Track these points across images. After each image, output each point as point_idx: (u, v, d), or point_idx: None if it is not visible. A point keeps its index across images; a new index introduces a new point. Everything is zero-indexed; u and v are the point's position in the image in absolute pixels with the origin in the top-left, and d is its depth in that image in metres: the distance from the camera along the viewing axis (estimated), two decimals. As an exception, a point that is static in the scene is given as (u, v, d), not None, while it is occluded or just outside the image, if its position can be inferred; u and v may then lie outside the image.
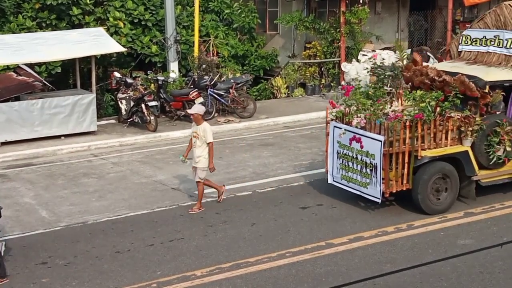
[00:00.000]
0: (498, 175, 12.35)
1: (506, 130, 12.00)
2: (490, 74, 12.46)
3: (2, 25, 19.70)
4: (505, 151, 12.07)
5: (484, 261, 10.04)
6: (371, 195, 11.75)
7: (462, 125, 11.84)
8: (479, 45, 13.48)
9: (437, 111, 11.80)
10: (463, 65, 13.29)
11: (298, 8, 24.34)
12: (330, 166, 12.54)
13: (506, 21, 13.07)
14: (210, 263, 10.29)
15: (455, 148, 11.94)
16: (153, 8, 20.95)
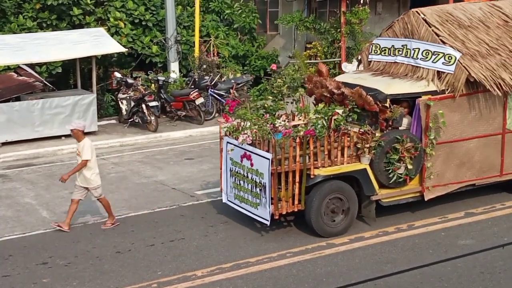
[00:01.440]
0: (401, 194, 11.55)
1: (407, 147, 11.16)
2: (392, 86, 11.65)
3: (3, 26, 19.68)
4: (407, 169, 11.28)
5: (484, 261, 10.04)
6: (261, 217, 10.91)
7: (358, 141, 11.05)
8: (387, 55, 12.58)
9: (332, 126, 11.03)
10: (368, 76, 12.42)
11: (298, 9, 24.34)
12: (224, 185, 11.76)
13: (414, 30, 12.21)
14: (210, 263, 10.29)
15: (352, 166, 11.12)
16: (154, 9, 20.95)
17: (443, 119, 11.37)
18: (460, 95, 11.51)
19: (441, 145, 11.55)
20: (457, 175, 11.86)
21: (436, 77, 11.63)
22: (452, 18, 12.27)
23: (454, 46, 11.67)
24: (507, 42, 12.26)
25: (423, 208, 12.20)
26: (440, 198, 12.49)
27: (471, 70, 11.39)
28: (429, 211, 12.10)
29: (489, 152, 12.05)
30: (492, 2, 13.22)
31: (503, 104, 11.94)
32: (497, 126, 12.01)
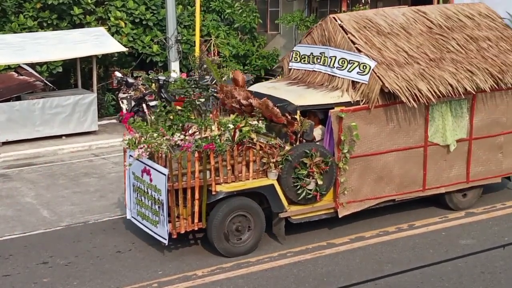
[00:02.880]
0: (313, 210, 10.89)
1: (316, 162, 10.54)
2: (304, 97, 11.01)
3: (3, 25, 19.67)
4: (317, 185, 10.64)
5: (485, 261, 10.03)
6: (160, 235, 10.33)
7: (264, 155, 10.45)
8: (307, 63, 11.89)
9: (236, 140, 10.43)
10: (283, 85, 11.76)
11: (299, 8, 24.33)
12: (128, 200, 11.21)
13: (331, 37, 11.56)
14: (211, 263, 10.29)
15: (258, 181, 10.46)
16: (154, 8, 20.94)
17: (356, 131, 10.76)
18: (377, 106, 10.91)
19: (356, 159, 10.93)
20: (374, 190, 11.23)
21: (351, 87, 11.04)
22: (371, 24, 11.66)
23: (370, 55, 11.07)
24: (428, 50, 11.64)
25: (424, 208, 12.21)
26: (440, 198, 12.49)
27: (385, 80, 10.78)
28: (429, 211, 12.10)
29: (410, 166, 11.42)
30: (418, 7, 12.54)
31: (424, 115, 11.32)
32: (418, 138, 11.38)
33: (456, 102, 11.49)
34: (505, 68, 11.80)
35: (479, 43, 12.10)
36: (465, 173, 11.92)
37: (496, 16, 12.86)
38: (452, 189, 11.91)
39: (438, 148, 11.59)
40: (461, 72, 11.43)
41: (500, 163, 12.22)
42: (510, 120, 12.13)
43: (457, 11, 12.52)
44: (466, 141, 11.78)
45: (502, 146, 12.16)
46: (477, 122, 11.78)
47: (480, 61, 11.76)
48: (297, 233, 11.17)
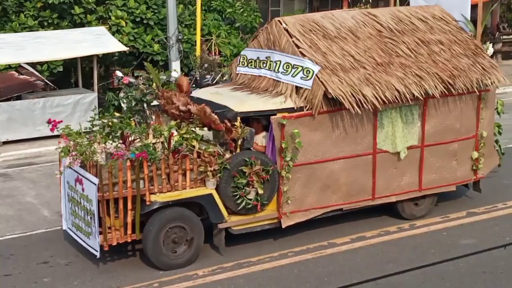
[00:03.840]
0: (255, 221, 10.53)
1: (255, 170, 10.17)
2: (245, 103, 10.61)
3: (4, 24, 19.67)
4: (257, 194, 10.31)
5: (486, 261, 10.02)
6: (92, 247, 9.97)
7: (201, 164, 10.08)
8: (253, 67, 11.50)
9: (171, 148, 10.13)
10: (226, 90, 11.39)
11: (300, 7, 24.33)
12: (64, 210, 10.81)
13: (275, 41, 11.15)
14: (212, 262, 10.28)
15: (196, 191, 10.11)
16: (155, 7, 20.93)
17: (298, 139, 10.31)
18: (322, 112, 10.51)
19: (300, 167, 10.54)
20: (320, 200, 10.84)
21: (294, 92, 10.66)
22: (318, 27, 11.23)
23: (314, 59, 10.67)
24: (376, 54, 11.21)
25: (425, 208, 12.20)
26: (441, 198, 12.48)
27: (329, 86, 10.39)
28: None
29: (358, 174, 11.02)
30: (369, 10, 12.26)
31: (373, 122, 10.91)
32: (366, 145, 10.98)
33: (407, 108, 11.10)
34: (457, 73, 11.37)
35: (431, 47, 11.66)
36: (417, 181, 11.51)
37: (451, 19, 12.40)
38: (404, 198, 11.50)
39: (388, 155, 11.18)
40: (409, 77, 11.01)
41: (454, 170, 11.82)
42: (465, 127, 11.75)
43: (410, 14, 12.08)
44: (418, 148, 11.39)
45: (456, 153, 11.75)
46: (429, 128, 11.39)
47: (431, 66, 11.33)
48: (297, 233, 11.15)
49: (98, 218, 9.71)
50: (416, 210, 11.79)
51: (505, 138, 16.36)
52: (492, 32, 27.54)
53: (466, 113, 11.72)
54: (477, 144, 11.98)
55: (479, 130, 11.94)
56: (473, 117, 11.83)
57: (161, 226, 9.89)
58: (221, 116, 10.31)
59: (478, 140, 11.97)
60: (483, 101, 11.84)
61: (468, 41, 12.12)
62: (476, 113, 11.85)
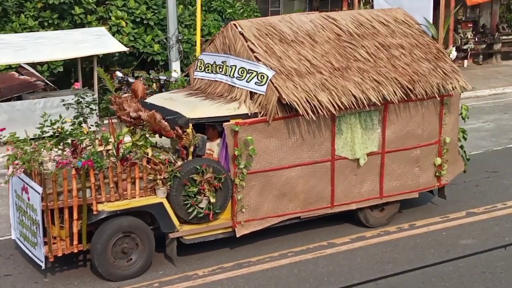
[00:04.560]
0: (208, 230, 10.24)
1: (207, 178, 9.89)
2: (197, 109, 10.29)
3: (5, 25, 19.69)
4: (209, 202, 10.02)
5: (486, 261, 10.04)
6: (38, 258, 9.73)
7: (151, 172, 9.79)
8: (210, 72, 11.17)
9: (120, 155, 9.80)
10: (180, 96, 11.06)
11: (300, 8, 24.34)
12: (12, 219, 10.55)
13: (231, 45, 10.83)
14: (212, 262, 10.30)
15: (145, 200, 9.81)
16: (155, 7, 20.95)
17: (252, 146, 10.04)
18: (277, 118, 10.20)
19: (255, 175, 10.25)
20: (277, 208, 10.53)
21: (249, 98, 10.36)
22: (274, 31, 10.93)
23: (268, 64, 10.36)
24: (333, 59, 10.88)
25: (425, 208, 12.22)
26: (440, 198, 12.50)
27: (283, 91, 10.08)
28: (430, 211, 12.11)
29: (315, 181, 10.69)
30: (328, 13, 11.91)
31: (331, 128, 10.60)
32: (324, 152, 10.66)
33: (366, 113, 10.78)
34: (416, 78, 11.06)
35: (391, 51, 11.35)
36: (378, 188, 11.21)
37: (413, 22, 12.08)
38: (364, 205, 11.20)
39: (348, 162, 10.88)
40: (367, 82, 10.71)
41: (417, 177, 11.52)
42: (427, 132, 11.43)
43: (371, 17, 11.76)
44: (378, 155, 11.08)
45: (418, 160, 11.45)
46: (390, 134, 11.08)
47: (390, 70, 11.02)
48: (297, 233, 11.17)
49: (43, 228, 9.46)
50: (378, 218, 11.48)
51: (505, 138, 16.44)
52: (492, 33, 27.56)
53: (428, 118, 11.39)
54: (440, 150, 11.62)
55: (442, 135, 11.58)
56: (435, 122, 11.49)
57: (109, 236, 9.60)
58: (172, 123, 10.01)
59: (441, 146, 11.61)
60: (445, 106, 11.50)
61: (430, 45, 11.80)
62: (438, 119, 11.50)
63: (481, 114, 19.40)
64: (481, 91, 22.56)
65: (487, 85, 23.43)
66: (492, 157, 15.12)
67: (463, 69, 26.00)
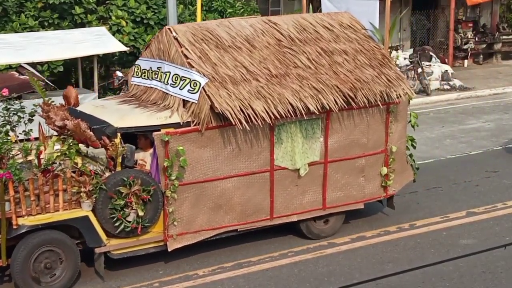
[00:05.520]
0: (139, 244, 9.84)
1: (134, 191, 9.45)
2: (126, 118, 9.81)
3: (5, 25, 19.71)
4: (138, 216, 9.59)
5: (486, 261, 10.04)
6: None
7: (75, 184, 9.35)
8: (146, 78, 10.71)
9: (41, 166, 9.40)
10: (113, 104, 10.61)
11: (299, 7, 24.35)
12: None
13: (165, 50, 10.37)
14: (212, 262, 10.30)
15: (69, 213, 9.37)
16: (155, 7, 20.97)
17: (184, 156, 9.61)
18: (211, 127, 9.75)
19: (188, 186, 9.81)
20: (212, 220, 10.11)
21: (181, 106, 9.91)
22: (211, 36, 10.46)
23: (202, 71, 9.90)
24: (271, 65, 10.40)
25: (425, 208, 12.21)
26: (440, 198, 12.52)
27: (215, 100, 9.63)
28: (430, 211, 12.10)
29: (253, 192, 10.24)
30: (270, 17, 11.36)
31: (269, 137, 10.13)
32: (262, 162, 10.18)
33: (307, 122, 10.33)
34: (358, 85, 10.57)
35: (334, 57, 10.86)
36: (321, 199, 10.77)
37: (360, 27, 11.57)
38: (306, 217, 10.75)
39: (288, 172, 10.40)
40: (305, 90, 10.23)
41: (362, 187, 11.07)
42: (372, 141, 10.96)
43: (315, 22, 11.27)
44: (320, 164, 10.61)
45: (364, 169, 11.00)
46: (333, 143, 10.62)
47: (331, 77, 10.52)
48: (297, 232, 11.17)
49: None
50: (322, 230, 11.06)
51: (505, 138, 16.44)
52: (492, 32, 27.58)
53: (374, 127, 10.92)
54: (386, 160, 11.18)
55: (389, 144, 11.13)
56: (381, 131, 11.02)
57: (30, 251, 9.19)
58: (99, 133, 9.57)
59: (388, 155, 11.16)
60: (392, 114, 11.01)
61: (375, 50, 11.30)
62: (384, 127, 11.03)
63: (481, 114, 19.41)
64: (481, 91, 22.57)
65: (487, 85, 23.44)
66: (492, 157, 15.12)
67: (464, 69, 26.05)
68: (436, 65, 23.57)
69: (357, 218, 11.65)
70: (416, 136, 12.37)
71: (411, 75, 21.88)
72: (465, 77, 24.16)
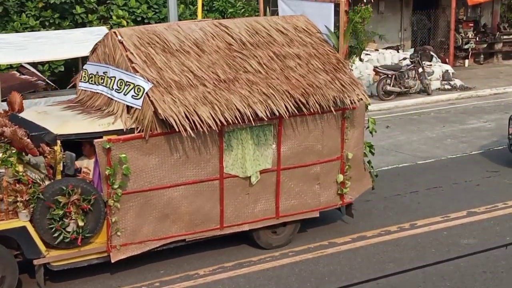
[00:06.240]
0: (80, 255, 9.48)
1: (73, 200, 9.09)
2: (68, 124, 9.45)
3: (6, 24, 19.72)
4: (78, 226, 9.23)
5: (487, 261, 10.03)
6: None
7: (11, 193, 9.01)
8: (93, 83, 10.30)
9: None
10: (56, 109, 10.22)
11: (301, 7, 24.33)
12: None
13: (111, 54, 9.99)
14: (213, 262, 10.30)
15: (6, 224, 9.03)
16: (156, 7, 20.98)
17: (126, 164, 9.26)
18: (157, 134, 9.40)
19: (132, 195, 9.47)
20: (158, 230, 9.78)
21: (125, 112, 9.56)
22: (158, 40, 10.11)
23: (146, 76, 9.56)
24: (220, 70, 10.07)
25: (426, 207, 12.22)
26: (441, 197, 12.52)
27: (159, 106, 9.30)
28: (431, 210, 12.10)
29: (202, 201, 9.91)
30: (221, 20, 11.09)
31: (218, 144, 9.81)
32: (212, 170, 9.85)
33: (259, 128, 10.01)
34: (310, 91, 10.24)
35: (286, 62, 10.53)
36: (274, 207, 10.44)
37: (315, 30, 11.24)
38: (258, 226, 10.43)
39: (239, 180, 10.07)
40: (255, 95, 9.89)
41: (317, 195, 10.74)
42: (328, 148, 10.64)
43: (269, 26, 10.93)
44: (273, 172, 10.28)
45: (319, 177, 10.67)
46: (286, 150, 10.28)
47: (282, 83, 10.19)
48: (298, 232, 11.16)
49: None
50: (276, 239, 10.74)
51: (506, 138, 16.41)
52: (493, 32, 27.57)
53: (329, 133, 10.60)
54: (342, 167, 10.85)
55: (344, 151, 10.81)
56: (337, 137, 10.70)
57: None
58: (38, 140, 9.20)
59: (344, 162, 10.84)
60: (347, 120, 10.70)
61: (330, 55, 10.97)
62: (340, 133, 10.72)
63: (482, 114, 19.40)
64: (482, 90, 22.56)
65: (488, 84, 23.43)
66: (493, 157, 15.11)
67: (464, 68, 26.04)
68: (437, 65, 23.58)
69: (358, 218, 11.64)
70: (417, 136, 12.40)
71: (412, 75, 21.89)
72: (466, 77, 24.15)
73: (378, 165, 14.77)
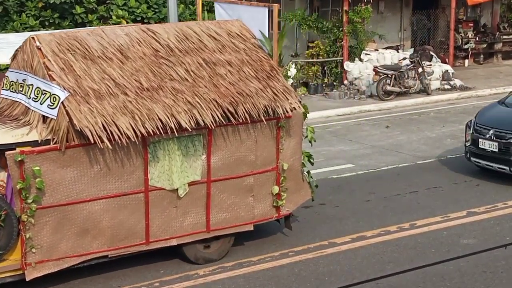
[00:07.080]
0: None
1: None
2: None
3: (6, 24, 19.74)
4: None
5: (487, 261, 10.03)
6: None
7: None
8: (13, 91, 9.68)
9: None
10: None
11: (300, 7, 24.35)
12: None
13: (29, 61, 9.44)
14: (212, 262, 10.30)
15: None
16: (156, 6, 21.01)
17: (40, 178, 8.75)
18: (75, 145, 8.90)
19: (48, 210, 8.94)
20: (78, 246, 9.25)
21: (41, 123, 9.04)
22: (79, 46, 9.60)
23: (63, 84, 9.05)
24: (144, 78, 9.59)
25: (425, 207, 12.21)
26: (441, 197, 12.51)
27: (74, 116, 8.81)
28: (431, 210, 12.11)
29: (125, 215, 9.41)
30: (149, 26, 10.72)
31: (143, 155, 9.32)
32: (135, 182, 9.36)
33: (187, 138, 9.58)
34: (240, 99, 9.82)
35: (216, 69, 10.08)
36: (204, 221, 10.00)
37: (250, 36, 10.77)
38: (187, 240, 9.99)
39: (165, 193, 9.61)
40: (179, 105, 9.46)
41: (251, 208, 10.29)
42: (262, 158, 10.20)
43: (200, 31, 10.47)
44: (203, 184, 9.84)
45: (253, 189, 10.22)
46: (217, 161, 9.85)
47: (210, 91, 9.77)
48: (298, 232, 11.17)
49: None
50: (208, 253, 10.33)
51: (506, 138, 16.40)
52: (493, 32, 27.58)
53: (263, 143, 10.16)
54: (278, 178, 10.41)
55: (280, 162, 10.37)
56: (271, 147, 10.26)
57: None
58: None
59: (279, 173, 10.40)
60: (282, 129, 10.25)
61: (264, 61, 10.50)
62: (275, 143, 10.28)
63: (482, 114, 19.39)
64: (482, 90, 22.57)
65: (488, 84, 23.45)
66: (493, 157, 15.09)
67: (464, 68, 26.06)
68: (436, 64, 23.60)
69: (358, 218, 11.64)
70: (416, 135, 12.40)
71: (411, 75, 21.91)
72: (465, 76, 24.17)
73: (378, 165, 14.80)
